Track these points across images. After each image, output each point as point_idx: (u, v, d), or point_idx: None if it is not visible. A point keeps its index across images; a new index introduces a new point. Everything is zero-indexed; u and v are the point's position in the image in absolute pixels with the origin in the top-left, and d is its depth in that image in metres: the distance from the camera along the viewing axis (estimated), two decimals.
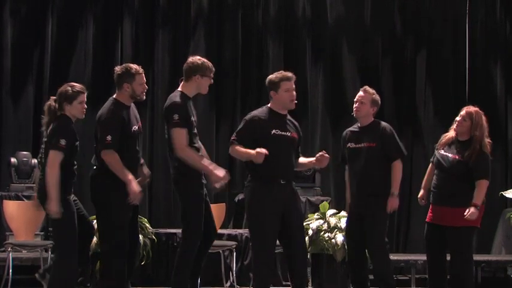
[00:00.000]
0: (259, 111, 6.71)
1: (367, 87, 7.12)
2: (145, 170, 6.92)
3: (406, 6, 12.02)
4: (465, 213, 6.69)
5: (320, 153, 6.59)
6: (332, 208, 8.95)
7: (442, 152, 6.96)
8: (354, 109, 7.07)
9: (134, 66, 6.77)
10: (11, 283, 8.04)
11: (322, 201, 9.50)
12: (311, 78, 11.75)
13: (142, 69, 6.78)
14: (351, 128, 7.18)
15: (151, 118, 11.31)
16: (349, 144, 7.04)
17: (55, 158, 6.33)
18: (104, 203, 6.53)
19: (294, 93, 6.62)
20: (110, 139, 6.45)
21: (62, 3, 11.22)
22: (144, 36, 11.45)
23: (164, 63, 11.44)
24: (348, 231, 7.17)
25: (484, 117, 6.98)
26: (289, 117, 6.71)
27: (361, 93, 7.07)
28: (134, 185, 6.45)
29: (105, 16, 11.36)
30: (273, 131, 6.53)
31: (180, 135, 6.54)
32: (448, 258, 7.02)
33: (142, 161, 6.89)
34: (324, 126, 11.68)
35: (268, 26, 11.75)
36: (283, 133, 6.57)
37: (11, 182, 9.89)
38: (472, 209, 6.70)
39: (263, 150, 6.34)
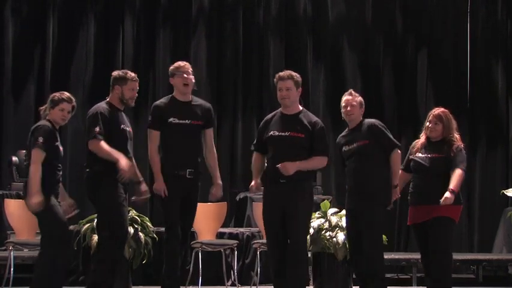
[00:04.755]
0: (270, 114, 6.99)
1: (351, 91, 7.24)
2: (144, 187, 7.04)
3: (407, 5, 12.02)
4: (441, 200, 6.69)
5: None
6: (333, 207, 8.95)
7: (420, 155, 7.02)
8: (346, 113, 7.12)
9: (131, 73, 6.93)
10: (12, 282, 8.03)
11: (324, 200, 9.49)
12: (312, 77, 11.76)
13: (137, 79, 6.91)
14: (342, 134, 7.25)
15: None
16: (343, 148, 7.11)
17: (35, 155, 6.52)
18: (101, 201, 6.69)
19: (285, 92, 6.78)
20: (98, 130, 6.62)
21: (63, 2, 11.23)
22: (145, 36, 11.46)
23: (165, 63, 11.41)
24: (347, 229, 7.23)
25: (451, 116, 7.07)
26: (303, 115, 6.79)
27: (348, 97, 7.16)
28: (123, 162, 6.59)
29: (106, 15, 11.36)
30: (271, 133, 6.79)
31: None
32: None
33: (141, 178, 7.02)
34: (325, 124, 11.58)
35: (269, 25, 11.75)
36: (280, 134, 6.75)
37: (12, 181, 9.89)
38: (448, 194, 6.69)
39: (254, 185, 6.79)
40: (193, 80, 7.11)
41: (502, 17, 12.07)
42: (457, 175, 6.81)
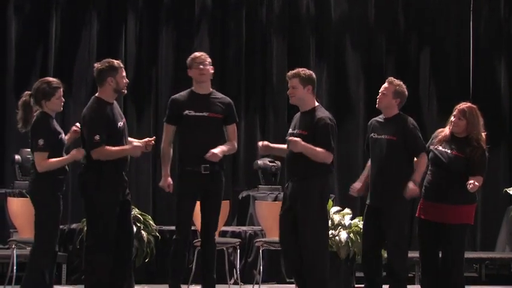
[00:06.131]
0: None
1: (391, 78, 7.04)
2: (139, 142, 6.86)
3: (409, 3, 12.01)
4: (470, 182, 6.64)
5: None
6: (336, 205, 8.95)
7: (440, 148, 6.92)
8: (377, 100, 7.02)
9: (115, 60, 6.79)
10: (15, 280, 8.04)
11: None
12: (315, 76, 11.73)
13: (122, 65, 6.82)
14: (376, 118, 7.10)
15: (155, 115, 11.33)
16: (372, 134, 6.99)
17: (38, 158, 6.50)
18: (91, 199, 6.61)
19: (291, 90, 6.74)
20: (98, 138, 6.51)
21: (66, 0, 11.23)
22: (148, 34, 11.46)
23: (168, 61, 11.44)
24: (364, 226, 7.12)
25: (477, 112, 6.93)
26: (314, 112, 6.70)
27: (385, 84, 6.99)
28: (131, 147, 6.61)
29: (109, 13, 11.36)
30: (289, 131, 6.80)
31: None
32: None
33: (130, 139, 6.87)
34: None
35: (272, 24, 11.75)
36: (291, 132, 6.75)
37: (15, 179, 9.90)
38: (475, 181, 6.67)
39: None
40: (211, 71, 7.00)
41: (505, 14, 12.06)
42: (479, 182, 6.74)
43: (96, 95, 6.76)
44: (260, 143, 6.82)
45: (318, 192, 6.64)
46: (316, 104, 6.77)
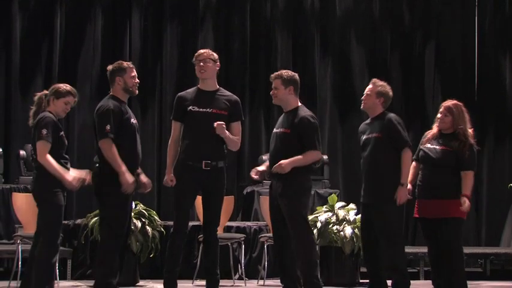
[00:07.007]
0: None
1: (375, 80, 7.15)
2: (144, 178, 6.87)
3: None
4: (461, 207, 6.77)
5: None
6: (341, 201, 8.96)
7: (429, 145, 7.01)
8: (362, 101, 7.12)
9: (125, 62, 6.88)
10: (20, 275, 8.05)
11: (331, 193, 9.51)
12: (319, 71, 11.75)
13: (133, 65, 6.86)
14: (365, 122, 7.21)
15: (159, 111, 11.34)
16: (362, 136, 7.08)
17: (41, 147, 6.48)
18: (107, 197, 6.64)
19: (272, 91, 6.91)
20: (109, 128, 6.55)
21: None
22: (152, 29, 11.46)
23: (172, 56, 11.45)
24: (362, 223, 7.17)
25: (463, 108, 7.03)
26: (296, 112, 6.82)
27: (369, 85, 7.12)
28: (127, 176, 6.53)
29: (114, 9, 11.37)
30: (273, 131, 6.96)
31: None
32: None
33: (139, 170, 6.87)
34: (332, 118, 11.68)
35: (276, 19, 11.74)
36: (275, 131, 6.90)
37: (20, 175, 9.91)
38: (465, 200, 6.79)
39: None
40: (216, 68, 6.99)
41: (510, 11, 12.03)
42: (470, 178, 6.85)
43: (111, 93, 6.82)
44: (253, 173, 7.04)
45: (301, 189, 6.77)
46: (299, 104, 6.89)
